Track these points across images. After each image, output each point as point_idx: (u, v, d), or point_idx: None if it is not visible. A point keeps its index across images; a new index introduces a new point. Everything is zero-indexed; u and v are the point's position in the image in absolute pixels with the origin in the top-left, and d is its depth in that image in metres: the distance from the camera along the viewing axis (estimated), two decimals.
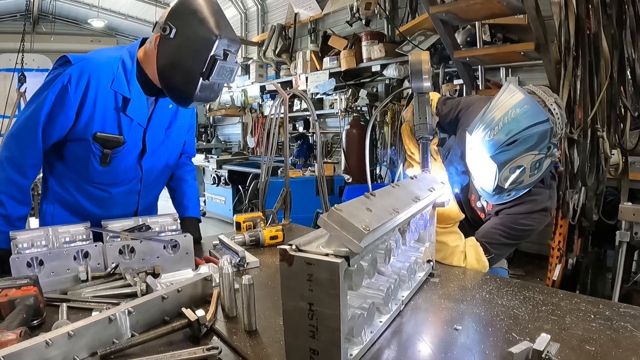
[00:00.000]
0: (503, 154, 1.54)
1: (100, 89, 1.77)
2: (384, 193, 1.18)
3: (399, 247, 1.33)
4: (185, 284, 1.37)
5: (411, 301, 1.41)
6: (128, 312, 1.19)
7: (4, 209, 1.80)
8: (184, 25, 1.66)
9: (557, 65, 2.70)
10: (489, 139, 1.56)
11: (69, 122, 1.79)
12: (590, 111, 2.58)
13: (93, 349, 1.11)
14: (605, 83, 2.54)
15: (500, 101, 1.59)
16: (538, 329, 1.20)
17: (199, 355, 1.08)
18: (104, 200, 2.02)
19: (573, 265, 3.06)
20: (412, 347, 1.16)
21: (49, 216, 2.01)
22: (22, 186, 1.82)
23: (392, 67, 5.75)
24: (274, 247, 2.09)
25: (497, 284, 1.58)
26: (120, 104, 1.82)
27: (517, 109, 1.52)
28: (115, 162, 1.91)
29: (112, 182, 1.99)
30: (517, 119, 1.51)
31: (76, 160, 1.91)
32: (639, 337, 1.16)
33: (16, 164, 1.81)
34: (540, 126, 1.50)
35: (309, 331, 0.97)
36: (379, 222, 0.98)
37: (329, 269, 0.91)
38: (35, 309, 1.30)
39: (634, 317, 1.28)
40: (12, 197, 1.81)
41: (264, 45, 8.24)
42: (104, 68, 1.78)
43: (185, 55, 1.67)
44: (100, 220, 1.87)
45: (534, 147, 1.52)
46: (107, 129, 1.83)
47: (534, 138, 1.51)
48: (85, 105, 1.77)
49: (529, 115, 1.51)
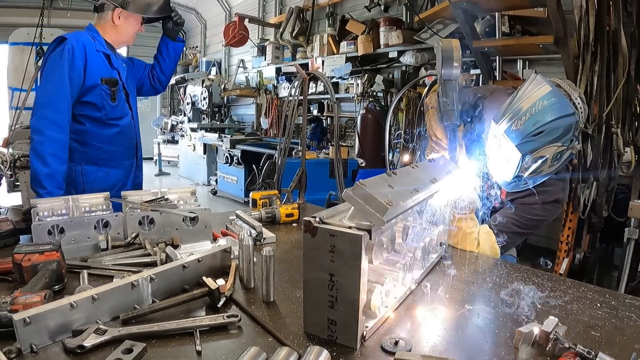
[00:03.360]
0: (528, 144, 1.57)
1: (90, 51, 2.41)
2: (405, 173, 1.21)
3: (415, 226, 1.36)
4: (205, 254, 1.42)
5: (424, 280, 1.46)
6: (150, 278, 1.23)
7: (49, 168, 2.22)
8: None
9: (575, 60, 2.70)
10: (516, 128, 1.59)
11: (81, 78, 2.37)
12: (606, 107, 2.58)
13: (115, 314, 1.15)
14: (622, 80, 2.54)
15: (527, 92, 1.61)
16: (546, 313, 1.24)
17: (219, 322, 1.13)
18: (117, 137, 2.58)
19: (580, 260, 3.08)
20: (424, 324, 1.20)
21: (79, 175, 2.49)
22: (64, 143, 2.31)
23: (409, 54, 5.73)
24: (290, 224, 2.14)
25: (507, 269, 1.62)
26: (105, 59, 2.50)
27: (544, 100, 1.55)
28: (118, 98, 2.53)
29: (120, 114, 2.57)
30: (544, 111, 1.54)
31: (94, 107, 2.47)
32: None
33: (57, 124, 2.28)
34: (567, 119, 1.53)
35: (328, 301, 1.02)
36: (400, 199, 1.01)
37: (351, 240, 0.95)
38: (58, 274, 1.34)
39: (639, 309, 1.30)
40: (55, 155, 2.25)
41: (281, 27, 8.23)
42: (87, 39, 2.44)
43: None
44: (121, 162, 2.65)
45: (558, 138, 1.55)
46: (106, 75, 2.48)
47: (559, 130, 1.54)
48: (87, 62, 2.39)
49: (557, 107, 1.54)
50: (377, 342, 1.07)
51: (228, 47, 10.65)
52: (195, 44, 12.57)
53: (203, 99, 9.92)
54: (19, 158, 3.03)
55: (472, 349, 1.08)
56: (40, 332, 1.01)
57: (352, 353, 1.02)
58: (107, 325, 1.08)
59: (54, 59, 2.33)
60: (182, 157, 10.85)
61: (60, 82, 2.30)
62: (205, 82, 9.95)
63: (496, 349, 1.08)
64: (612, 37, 2.56)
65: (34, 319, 0.99)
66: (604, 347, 1.06)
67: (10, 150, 3.08)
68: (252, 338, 1.10)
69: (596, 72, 2.58)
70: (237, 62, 10.38)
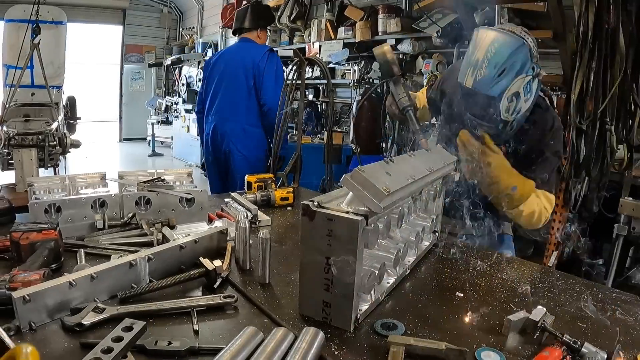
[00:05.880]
0: (497, 86, 1.68)
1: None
2: (402, 160, 1.23)
3: (410, 213, 1.39)
4: (202, 235, 1.43)
5: (416, 267, 1.48)
6: (148, 258, 1.24)
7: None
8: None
9: (573, 56, 2.71)
10: (481, 77, 1.69)
11: None
12: (601, 104, 2.61)
13: (113, 292, 1.16)
14: (619, 78, 2.56)
15: (477, 44, 1.73)
16: (534, 303, 1.26)
17: (216, 302, 1.15)
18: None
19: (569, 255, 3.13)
20: (416, 308, 1.23)
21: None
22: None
23: (406, 43, 5.69)
24: (284, 207, 2.16)
25: (497, 259, 1.65)
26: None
27: (494, 44, 1.68)
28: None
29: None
30: (498, 52, 1.67)
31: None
32: (627, 321, 1.23)
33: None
34: (520, 50, 1.67)
35: (323, 284, 1.04)
36: (398, 186, 1.03)
37: (349, 225, 0.96)
38: (56, 252, 1.34)
39: (624, 302, 1.34)
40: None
41: (279, 11, 8.11)
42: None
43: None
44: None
45: (521, 70, 1.68)
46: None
47: (518, 63, 1.67)
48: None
49: (507, 44, 1.67)
50: (370, 325, 1.10)
51: (225, 29, 10.54)
52: (192, 25, 12.43)
53: (199, 80, 9.83)
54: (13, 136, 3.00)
55: (462, 335, 1.10)
56: (39, 310, 1.02)
57: (345, 335, 1.05)
58: (105, 303, 1.09)
59: (278, 64, 3.69)
60: (175, 138, 10.80)
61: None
62: (202, 63, 9.86)
63: (486, 335, 1.11)
64: (610, 36, 2.58)
65: (33, 297, 1.00)
66: (589, 338, 1.09)
67: (5, 129, 3.04)
68: (248, 318, 1.12)
69: (593, 69, 2.60)
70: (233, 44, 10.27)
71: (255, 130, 3.68)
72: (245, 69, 3.60)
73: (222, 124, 3.69)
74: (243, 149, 3.67)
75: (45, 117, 3.72)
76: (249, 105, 3.63)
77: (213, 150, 3.81)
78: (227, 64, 3.74)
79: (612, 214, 2.96)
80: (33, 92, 3.94)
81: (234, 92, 3.64)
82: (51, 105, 3.84)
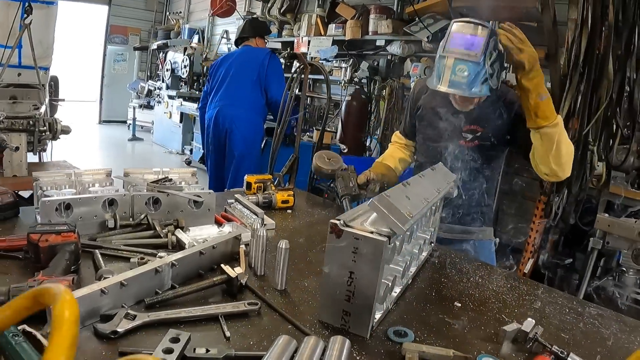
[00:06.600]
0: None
1: None
2: (415, 183, 1.34)
3: (418, 230, 1.50)
4: (219, 241, 1.49)
5: (416, 277, 1.60)
6: (172, 264, 1.28)
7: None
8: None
9: (562, 77, 2.87)
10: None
11: None
12: (586, 126, 2.77)
13: (138, 298, 1.19)
14: (605, 102, 2.73)
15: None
16: (523, 315, 1.40)
17: (241, 309, 1.21)
18: None
19: (544, 262, 3.33)
20: (421, 316, 1.34)
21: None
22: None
23: (396, 44, 5.78)
24: (284, 210, 2.24)
25: (487, 271, 1.78)
26: None
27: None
28: None
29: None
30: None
31: None
32: (604, 333, 1.37)
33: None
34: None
35: (345, 295, 1.14)
36: (416, 210, 1.14)
37: (374, 245, 1.07)
38: (75, 255, 1.34)
39: (601, 316, 1.49)
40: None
41: (269, 2, 8.08)
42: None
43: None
44: None
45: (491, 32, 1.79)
46: None
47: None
48: None
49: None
50: (383, 332, 1.21)
51: (213, 17, 10.44)
52: (179, 9, 12.25)
53: (184, 67, 9.72)
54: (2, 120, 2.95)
55: (463, 343, 1.22)
56: None
57: (363, 341, 1.15)
58: (132, 309, 1.12)
59: (279, 63, 4.38)
60: (156, 124, 10.66)
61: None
62: (188, 50, 9.76)
63: (483, 343, 1.23)
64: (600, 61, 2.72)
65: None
66: (572, 348, 1.22)
67: None
68: (273, 325, 1.19)
69: (581, 92, 2.75)
70: (221, 32, 10.18)
71: (254, 117, 4.28)
72: (250, 65, 4.21)
73: (225, 109, 4.22)
74: (243, 130, 4.21)
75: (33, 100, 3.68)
76: (251, 96, 4.21)
77: (214, 131, 4.30)
78: (233, 62, 4.30)
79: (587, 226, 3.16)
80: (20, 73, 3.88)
81: (238, 84, 4.18)
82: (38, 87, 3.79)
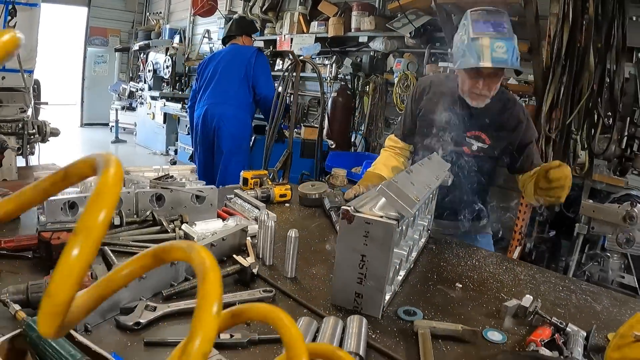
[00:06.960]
0: (501, 27, 1.80)
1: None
2: (416, 170, 1.41)
3: (419, 215, 1.57)
4: (228, 233, 1.54)
5: (417, 262, 1.67)
6: None
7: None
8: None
9: (545, 70, 2.97)
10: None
11: None
12: (569, 116, 2.88)
13: (155, 290, 1.23)
14: (586, 93, 2.84)
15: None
16: (520, 293, 1.49)
17: (257, 297, 1.26)
18: None
19: (530, 249, 3.44)
20: (426, 297, 1.42)
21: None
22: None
23: (379, 41, 5.85)
24: (282, 204, 2.30)
25: (483, 254, 1.87)
26: None
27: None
28: None
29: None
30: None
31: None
32: (596, 307, 1.47)
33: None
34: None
35: (357, 278, 1.20)
36: (421, 194, 1.21)
37: (385, 228, 1.13)
38: None
39: (592, 292, 1.59)
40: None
41: (251, 1, 8.08)
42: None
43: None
44: None
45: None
46: None
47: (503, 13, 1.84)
48: None
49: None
50: (393, 312, 1.28)
51: (194, 16, 10.39)
52: (159, 10, 12.14)
53: (166, 67, 9.67)
54: None
55: (468, 319, 1.30)
56: (93, 312, 1.07)
57: (376, 321, 1.22)
58: (150, 301, 1.16)
59: (266, 62, 4.32)
60: (139, 125, 10.55)
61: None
62: (170, 50, 9.69)
63: (487, 318, 1.31)
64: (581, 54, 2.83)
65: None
66: (568, 321, 1.31)
67: None
68: (288, 310, 1.21)
69: (564, 83, 2.86)
70: (202, 31, 10.14)
71: (242, 114, 4.26)
72: (237, 62, 4.21)
73: (213, 107, 4.20)
74: (231, 127, 4.19)
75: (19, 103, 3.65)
76: (239, 93, 4.20)
77: (202, 129, 4.29)
78: (221, 60, 4.29)
79: (571, 213, 3.27)
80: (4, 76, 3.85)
81: (226, 82, 4.22)
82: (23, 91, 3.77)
